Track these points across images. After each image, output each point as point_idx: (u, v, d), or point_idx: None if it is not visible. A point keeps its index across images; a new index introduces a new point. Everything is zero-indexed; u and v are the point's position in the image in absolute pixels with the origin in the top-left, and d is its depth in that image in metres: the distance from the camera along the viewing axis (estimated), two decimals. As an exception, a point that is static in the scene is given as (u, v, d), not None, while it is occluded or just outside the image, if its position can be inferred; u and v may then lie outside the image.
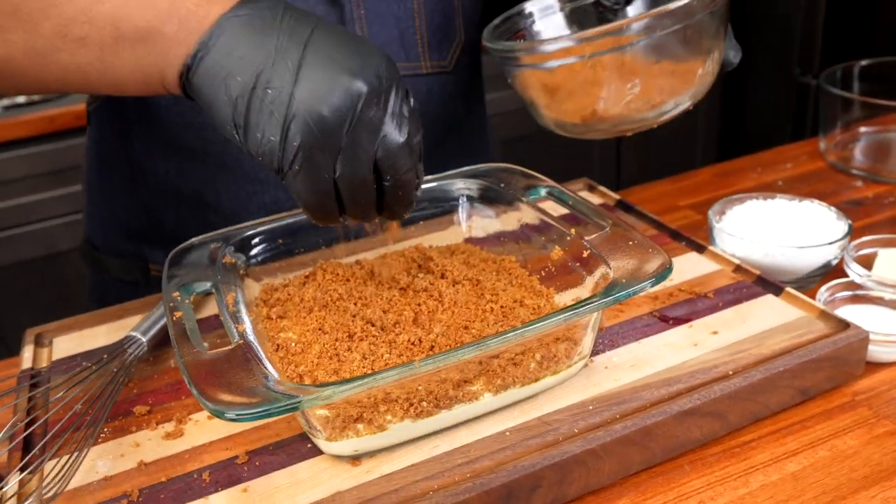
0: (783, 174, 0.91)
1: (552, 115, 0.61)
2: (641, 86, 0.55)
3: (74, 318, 0.67)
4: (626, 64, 0.54)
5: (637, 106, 0.56)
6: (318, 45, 0.46)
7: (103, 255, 0.80)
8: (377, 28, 0.70)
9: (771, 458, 0.52)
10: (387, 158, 0.48)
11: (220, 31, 0.46)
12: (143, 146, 0.72)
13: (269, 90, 0.45)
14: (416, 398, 0.48)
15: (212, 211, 0.73)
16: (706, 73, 0.57)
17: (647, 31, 0.52)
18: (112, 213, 0.77)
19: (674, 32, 0.53)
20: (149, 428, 0.54)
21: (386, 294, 0.58)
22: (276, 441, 0.52)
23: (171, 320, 0.51)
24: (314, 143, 0.45)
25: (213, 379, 0.45)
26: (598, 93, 0.56)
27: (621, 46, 0.53)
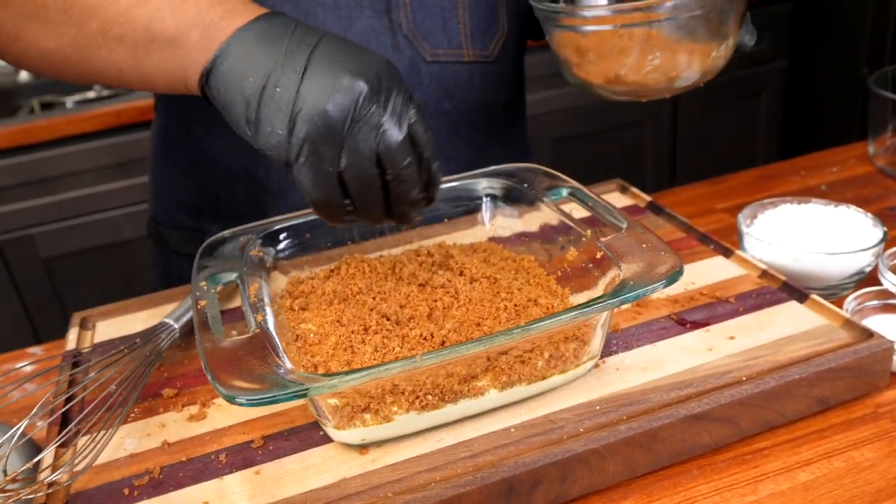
0: (828, 178, 0.89)
1: (580, 74, 0.68)
2: (661, 59, 0.62)
3: (116, 304, 0.71)
4: (651, 38, 0.61)
5: (654, 76, 0.63)
6: (323, 50, 0.50)
7: (166, 230, 0.85)
8: (422, 16, 0.73)
9: (783, 467, 0.52)
10: (387, 153, 0.50)
11: (237, 41, 0.51)
12: (201, 129, 0.77)
13: (277, 88, 0.49)
14: (423, 391, 0.50)
15: (261, 188, 0.77)
16: (719, 55, 0.63)
17: (673, 12, 0.59)
18: (173, 191, 0.83)
19: (697, 16, 0.59)
20: (175, 410, 0.57)
21: (405, 289, 0.59)
22: (291, 428, 0.54)
23: (195, 308, 0.53)
24: (318, 136, 0.48)
25: (229, 366, 0.47)
26: (622, 60, 0.63)
27: (649, 22, 0.60)
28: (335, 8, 0.71)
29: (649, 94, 0.66)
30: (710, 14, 0.60)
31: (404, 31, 0.73)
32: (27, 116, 1.61)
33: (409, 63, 0.75)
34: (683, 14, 0.59)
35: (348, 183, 0.50)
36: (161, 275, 0.87)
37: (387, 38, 0.73)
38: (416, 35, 0.74)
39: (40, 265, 1.66)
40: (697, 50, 0.62)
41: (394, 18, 0.72)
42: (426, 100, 0.77)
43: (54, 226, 1.64)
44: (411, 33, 0.74)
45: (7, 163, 1.56)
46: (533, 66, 1.97)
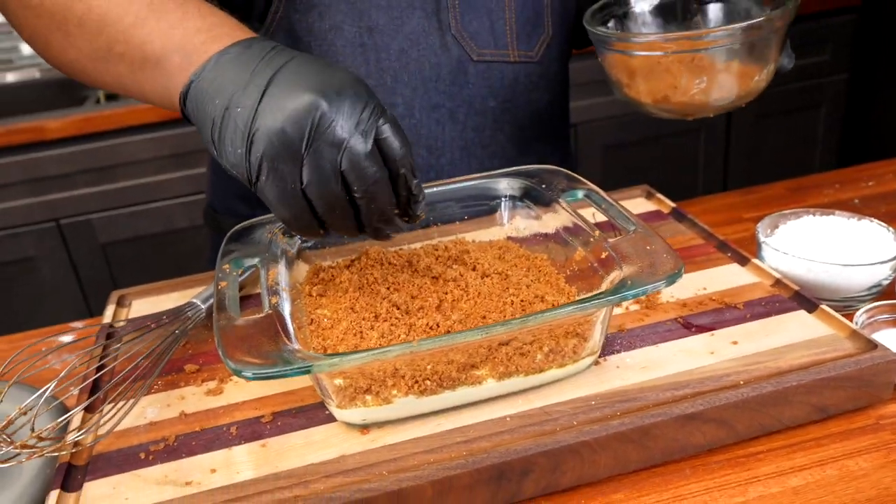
0: (862, 192, 0.88)
1: (629, 93, 0.73)
2: (707, 83, 0.67)
3: (152, 284, 0.76)
4: (697, 63, 0.66)
5: (700, 98, 0.68)
6: (289, 69, 0.51)
7: (222, 217, 0.90)
8: (469, 17, 0.76)
9: (775, 471, 0.52)
10: (351, 170, 0.49)
11: (212, 64, 0.53)
12: None
13: (238, 108, 0.50)
14: (422, 376, 0.52)
15: None
16: (761, 79, 0.68)
17: (720, 41, 0.63)
18: (230, 179, 0.87)
19: (743, 43, 0.64)
20: (195, 384, 0.60)
21: (418, 281, 0.62)
22: (300, 406, 0.57)
23: (216, 289, 0.57)
24: (275, 153, 0.49)
25: (240, 343, 0.50)
26: (670, 82, 0.69)
27: (697, 49, 0.65)
28: (388, 8, 0.75)
29: (694, 114, 0.71)
30: (753, 42, 0.65)
31: (452, 32, 0.76)
32: (93, 106, 1.69)
33: (456, 62, 0.78)
34: (729, 43, 0.64)
35: (312, 200, 0.51)
36: (215, 259, 0.91)
37: (436, 37, 0.77)
38: (463, 35, 0.77)
39: (98, 249, 1.74)
40: (741, 74, 0.67)
41: (443, 19, 0.75)
42: (472, 98, 0.80)
43: (113, 212, 1.72)
44: (459, 33, 0.77)
45: (72, 150, 1.64)
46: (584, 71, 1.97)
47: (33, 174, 1.64)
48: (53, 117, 1.61)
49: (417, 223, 0.56)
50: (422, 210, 0.54)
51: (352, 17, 0.75)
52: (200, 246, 1.82)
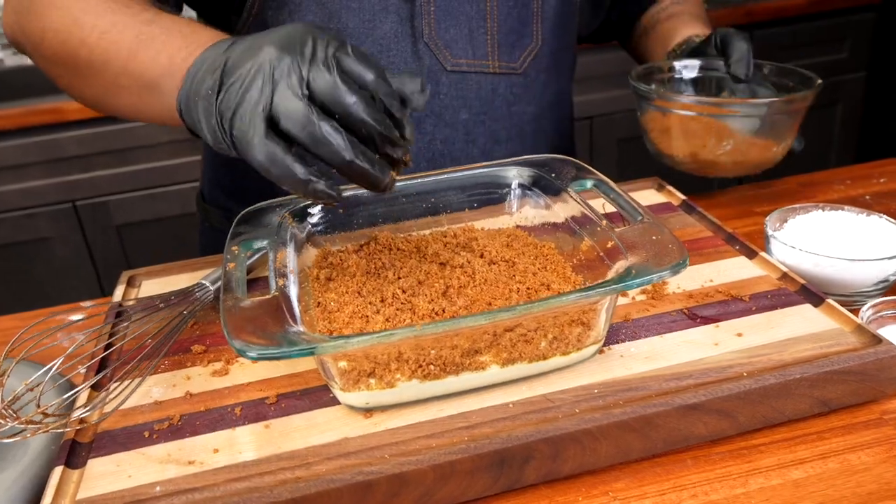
0: (873, 188, 0.87)
1: (660, 146, 0.85)
2: (732, 146, 0.79)
3: (162, 265, 0.76)
4: (723, 129, 0.78)
5: (724, 160, 0.80)
6: (242, 42, 0.53)
7: (209, 206, 0.91)
8: (446, 24, 0.75)
9: (777, 464, 0.52)
10: (323, 97, 0.49)
11: (190, 76, 0.56)
12: None
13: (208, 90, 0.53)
14: (426, 361, 0.52)
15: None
16: (777, 152, 0.81)
17: (745, 111, 0.76)
18: (215, 171, 0.88)
19: (764, 118, 0.76)
20: (201, 365, 0.61)
21: (425, 267, 0.62)
22: (304, 388, 0.57)
23: (224, 270, 0.57)
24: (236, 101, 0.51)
25: (245, 324, 0.51)
26: (701, 142, 0.80)
27: (724, 116, 0.77)
28: (359, 11, 0.73)
29: (715, 173, 0.83)
30: (774, 118, 0.77)
31: (425, 39, 0.75)
32: (109, 90, 1.70)
33: (427, 71, 0.76)
34: (753, 114, 0.76)
35: (290, 133, 0.50)
36: (204, 246, 0.93)
37: (407, 44, 0.75)
38: (437, 43, 0.75)
39: (113, 231, 1.76)
40: (761, 145, 0.79)
41: (416, 25, 0.74)
42: (443, 108, 0.78)
43: (129, 194, 1.74)
44: (433, 41, 0.75)
45: (90, 132, 1.66)
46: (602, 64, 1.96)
47: (51, 155, 1.66)
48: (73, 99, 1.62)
49: (408, 159, 0.55)
50: (410, 134, 0.53)
51: (321, 18, 0.74)
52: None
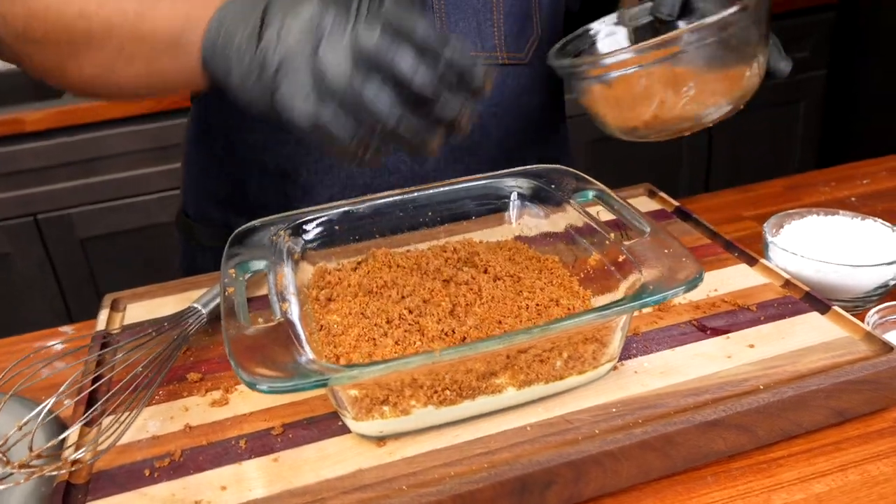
0: (857, 190, 0.88)
1: (617, 124, 0.69)
2: (695, 89, 0.63)
3: (147, 287, 0.73)
4: (678, 71, 0.61)
5: (692, 108, 0.64)
6: None
7: (195, 224, 0.87)
8: (455, 17, 0.74)
9: (798, 478, 0.52)
10: (370, 51, 0.47)
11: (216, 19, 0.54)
12: (239, 118, 0.78)
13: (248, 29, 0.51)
14: (441, 386, 0.50)
15: (291, 183, 0.78)
16: (753, 75, 0.64)
17: (690, 42, 0.59)
18: (205, 182, 0.85)
19: (718, 42, 0.59)
20: (198, 394, 0.58)
21: (429, 284, 0.60)
22: (310, 417, 0.55)
23: (223, 295, 0.55)
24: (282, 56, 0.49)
25: (252, 353, 0.48)
26: (656, 99, 0.64)
27: (672, 55, 0.61)
28: None
29: (691, 127, 0.67)
30: (729, 38, 0.60)
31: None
32: (71, 99, 1.63)
33: None
34: (701, 42, 0.59)
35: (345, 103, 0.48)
36: (188, 267, 0.89)
37: None
38: None
39: (77, 245, 1.69)
40: (728, 76, 0.63)
41: (428, 20, 0.73)
42: None
43: (92, 207, 1.68)
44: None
45: (50, 143, 1.59)
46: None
47: (10, 167, 1.59)
48: (31, 109, 1.56)
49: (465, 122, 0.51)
50: (481, 78, 0.50)
51: None
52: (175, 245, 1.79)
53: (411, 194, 0.68)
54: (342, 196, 0.77)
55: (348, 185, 0.77)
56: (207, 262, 0.84)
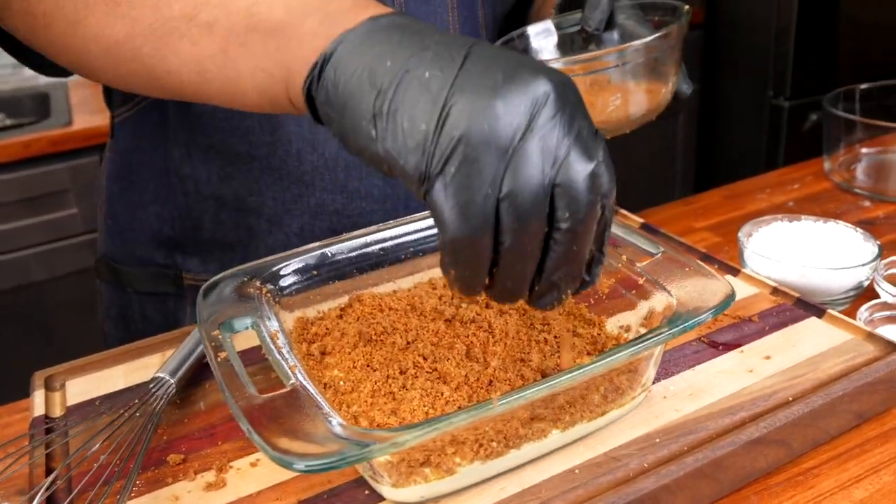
0: (792, 195, 0.92)
1: None
2: (621, 99, 0.70)
3: (87, 358, 0.63)
4: (608, 82, 0.69)
5: (617, 115, 0.71)
6: (488, 47, 0.38)
7: (125, 268, 0.77)
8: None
9: (836, 485, 0.51)
10: (567, 189, 0.36)
11: (370, 25, 0.39)
12: (183, 152, 0.70)
13: (426, 72, 0.37)
14: (486, 438, 0.46)
15: (254, 215, 0.71)
16: (667, 92, 0.73)
17: (624, 59, 0.66)
18: (139, 222, 0.75)
19: (648, 59, 0.67)
20: (186, 478, 0.50)
21: (431, 326, 0.56)
22: (330, 489, 0.48)
23: (214, 361, 0.47)
24: (481, 137, 0.35)
25: (274, 425, 0.42)
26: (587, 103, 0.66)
27: (608, 68, 0.67)
28: None
29: (613, 131, 0.73)
30: (656, 58, 0.69)
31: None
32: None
33: None
34: (633, 61, 0.67)
35: (504, 217, 0.36)
36: (118, 318, 0.79)
37: None
38: None
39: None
40: (648, 90, 0.71)
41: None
42: None
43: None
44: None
45: None
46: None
47: None
48: None
49: (581, 291, 0.42)
50: (599, 274, 0.42)
51: None
52: (62, 301, 1.62)
53: (389, 230, 0.63)
54: (312, 225, 0.71)
55: (319, 213, 0.70)
56: (146, 309, 0.75)
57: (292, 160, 0.69)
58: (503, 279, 0.39)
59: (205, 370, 0.61)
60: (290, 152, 0.68)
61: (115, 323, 0.79)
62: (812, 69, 1.98)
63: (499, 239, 0.37)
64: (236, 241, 0.71)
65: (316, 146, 0.68)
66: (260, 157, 0.69)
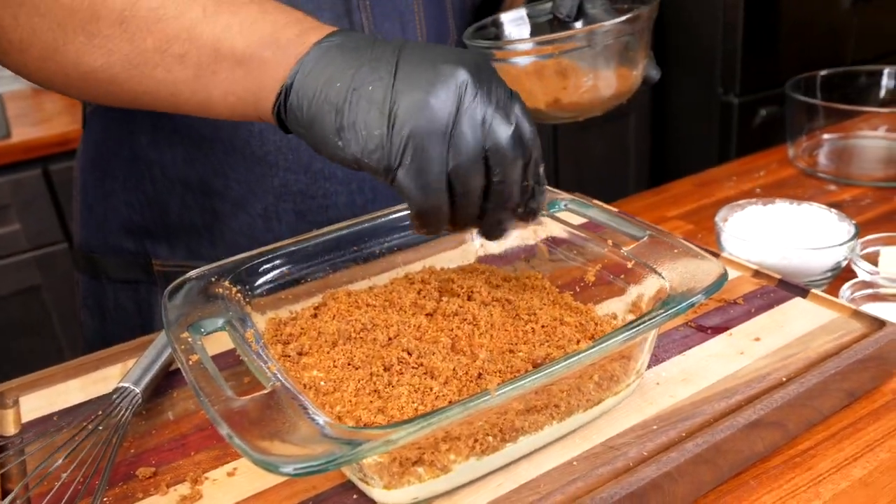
0: (758, 181, 0.92)
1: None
2: (593, 81, 0.70)
3: (41, 372, 0.59)
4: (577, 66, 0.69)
5: (589, 97, 0.71)
6: (413, 49, 0.46)
7: (99, 257, 0.77)
8: (380, 19, 0.70)
9: (834, 466, 0.50)
10: (495, 149, 0.44)
11: (318, 52, 0.46)
12: (149, 137, 0.70)
13: (370, 86, 0.44)
14: (481, 433, 0.43)
15: (219, 198, 0.71)
16: (637, 75, 0.74)
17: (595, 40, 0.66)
18: (111, 211, 0.75)
19: (612, 45, 0.68)
20: (159, 493, 0.47)
21: (413, 321, 0.53)
22: (315, 495, 0.45)
23: (186, 365, 0.44)
24: (424, 130, 0.43)
25: (256, 428, 0.39)
26: (561, 84, 0.70)
27: (579, 49, 0.67)
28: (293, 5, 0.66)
29: (585, 113, 0.74)
30: (623, 42, 0.70)
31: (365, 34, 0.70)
32: None
33: None
34: (604, 42, 0.68)
35: (456, 184, 0.45)
36: (94, 307, 0.78)
37: None
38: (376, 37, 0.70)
39: None
40: (619, 74, 0.72)
41: (354, 21, 0.68)
42: None
43: None
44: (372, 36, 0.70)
45: None
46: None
47: None
48: None
49: (533, 221, 0.50)
50: (541, 207, 0.49)
51: None
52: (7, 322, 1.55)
53: (361, 225, 0.61)
54: (276, 206, 0.70)
55: (283, 194, 0.70)
56: (120, 298, 0.74)
57: (255, 140, 0.69)
58: (457, 223, 0.48)
59: (171, 378, 0.57)
60: (252, 132, 0.68)
61: (92, 313, 0.78)
62: (760, 65, 2.02)
63: (453, 200, 0.46)
64: (202, 225, 0.71)
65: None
66: (223, 139, 0.69)
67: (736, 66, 1.99)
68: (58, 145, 1.56)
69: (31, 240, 1.58)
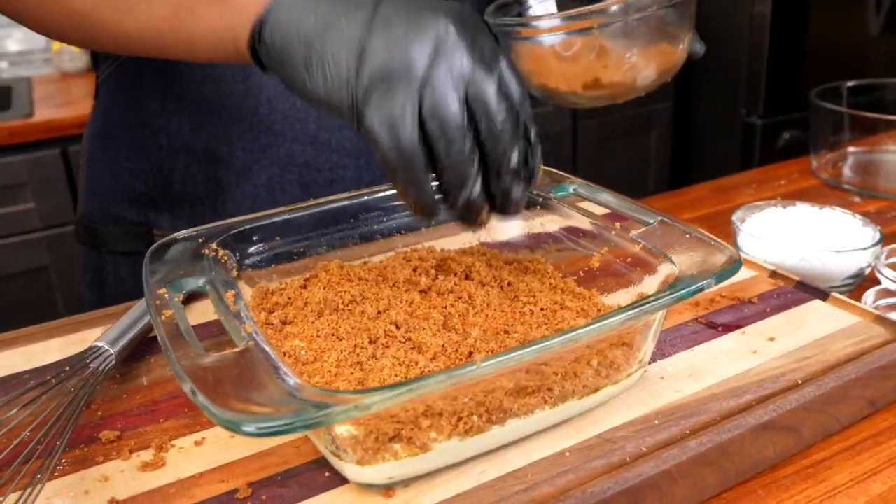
0: (779, 190, 0.89)
1: (550, 84, 0.64)
2: (637, 56, 0.62)
3: (19, 330, 0.56)
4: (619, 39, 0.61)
5: (630, 75, 0.63)
6: None
7: (101, 228, 0.76)
8: None
9: (851, 479, 0.46)
10: (477, 99, 0.41)
11: None
12: (158, 104, 0.69)
13: (344, 22, 0.42)
14: (466, 411, 0.40)
15: (224, 166, 0.70)
16: (681, 51, 0.66)
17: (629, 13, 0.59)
18: (116, 180, 0.74)
19: (657, 17, 0.61)
20: (120, 457, 0.44)
21: (405, 297, 0.50)
22: (285, 470, 0.42)
23: (158, 320, 0.41)
24: (395, 68, 0.41)
25: (221, 387, 0.36)
26: (601, 62, 0.62)
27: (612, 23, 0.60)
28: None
29: (624, 94, 0.64)
30: (665, 16, 0.63)
31: None
32: None
33: None
34: (642, 13, 0.61)
35: (432, 133, 0.41)
36: (93, 280, 0.76)
37: None
38: None
39: None
40: (662, 49, 0.66)
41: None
42: None
43: None
44: None
45: None
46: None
47: None
48: None
49: (532, 189, 0.47)
50: (539, 168, 0.46)
51: None
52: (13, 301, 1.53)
53: (360, 198, 0.58)
54: (281, 177, 0.69)
55: (288, 164, 0.69)
56: (120, 270, 0.73)
57: (263, 108, 0.67)
58: (448, 178, 0.43)
59: (151, 343, 0.54)
60: (260, 101, 0.67)
61: (91, 286, 0.76)
62: (785, 88, 1.98)
63: (435, 156, 0.42)
64: (205, 194, 0.70)
65: (287, 95, 0.67)
66: (231, 106, 0.68)
67: (760, 87, 1.96)
68: (78, 126, 1.55)
69: (44, 219, 1.57)
